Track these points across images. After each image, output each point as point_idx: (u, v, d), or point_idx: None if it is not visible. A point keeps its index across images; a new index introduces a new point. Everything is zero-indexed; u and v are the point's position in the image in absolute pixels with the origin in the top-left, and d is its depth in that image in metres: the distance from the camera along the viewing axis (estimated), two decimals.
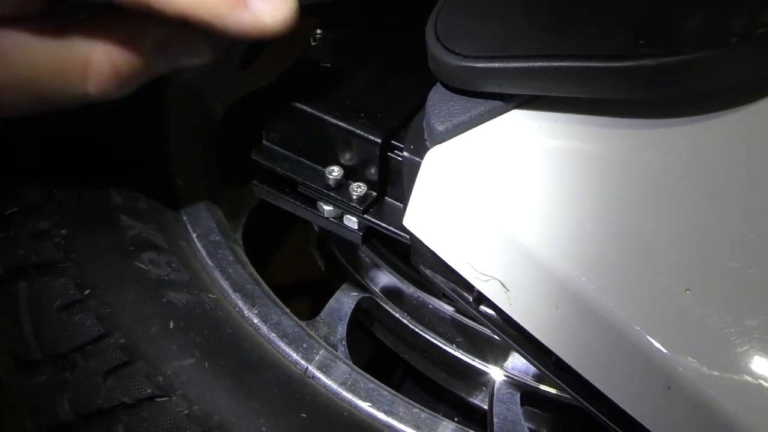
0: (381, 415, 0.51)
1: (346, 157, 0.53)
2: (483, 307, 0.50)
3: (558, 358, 0.47)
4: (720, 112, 0.48)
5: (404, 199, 0.52)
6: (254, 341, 0.53)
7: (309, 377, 0.52)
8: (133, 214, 0.58)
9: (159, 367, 0.50)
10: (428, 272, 0.51)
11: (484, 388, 0.59)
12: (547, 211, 0.46)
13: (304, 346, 0.54)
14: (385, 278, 0.61)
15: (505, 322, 0.49)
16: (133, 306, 0.53)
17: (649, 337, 0.42)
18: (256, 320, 0.55)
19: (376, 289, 0.62)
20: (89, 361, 0.50)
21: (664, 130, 0.48)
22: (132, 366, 0.50)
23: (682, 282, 0.43)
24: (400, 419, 0.51)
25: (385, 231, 0.54)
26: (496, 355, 0.58)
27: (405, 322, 0.60)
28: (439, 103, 0.50)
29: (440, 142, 0.49)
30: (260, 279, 0.59)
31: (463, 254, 0.48)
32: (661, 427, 0.43)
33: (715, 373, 0.41)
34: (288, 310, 0.57)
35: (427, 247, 0.50)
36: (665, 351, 0.42)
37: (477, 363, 0.58)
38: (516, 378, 0.58)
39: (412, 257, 0.52)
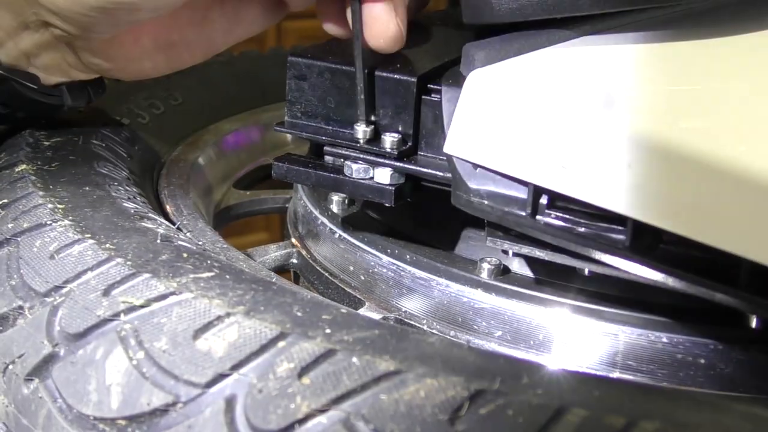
0: None
1: (378, 110, 0.54)
2: (540, 216, 0.48)
3: (634, 235, 0.45)
4: None
5: (440, 138, 0.52)
6: None
7: None
8: None
9: None
10: (475, 201, 0.50)
11: None
12: (599, 86, 0.48)
13: None
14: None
15: (567, 222, 0.48)
16: None
17: None
18: None
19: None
20: None
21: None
22: None
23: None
24: None
25: (422, 176, 0.53)
26: None
27: None
28: (477, 42, 0.53)
29: (481, 67, 0.51)
30: None
31: (515, 156, 0.48)
32: None
33: None
34: None
35: (473, 168, 0.50)
36: None
37: None
38: None
39: (453, 194, 0.51)
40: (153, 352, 0.42)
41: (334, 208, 0.63)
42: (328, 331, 0.42)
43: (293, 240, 0.68)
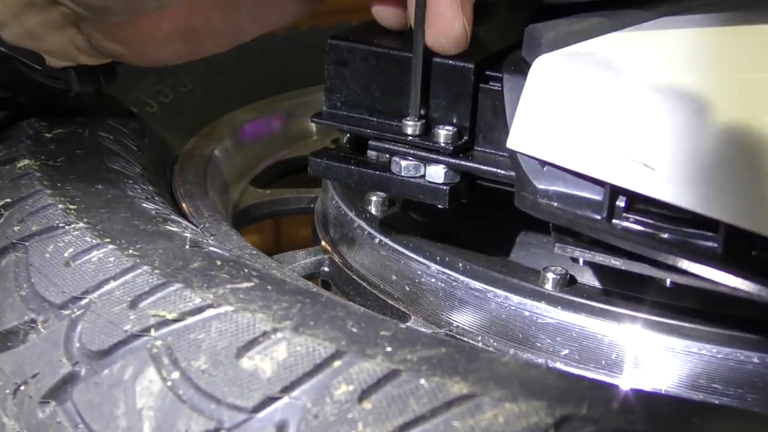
0: None
1: (431, 100, 0.54)
2: (617, 220, 0.48)
3: (726, 241, 0.45)
4: None
5: (501, 132, 0.53)
6: None
7: None
8: None
9: None
10: (542, 203, 0.50)
11: None
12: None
13: None
14: None
15: (648, 226, 0.48)
16: None
17: None
18: None
19: None
20: None
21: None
22: None
23: None
24: None
25: (481, 174, 0.53)
26: None
27: None
28: (542, 24, 0.53)
29: (548, 51, 0.51)
30: None
31: (589, 152, 0.48)
32: None
33: None
34: None
35: (540, 165, 0.50)
36: None
37: None
38: None
39: (517, 195, 0.51)
40: (190, 372, 0.43)
41: (373, 209, 0.63)
42: (388, 349, 0.42)
43: (324, 245, 0.68)
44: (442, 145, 0.54)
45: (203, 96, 0.81)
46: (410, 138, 0.54)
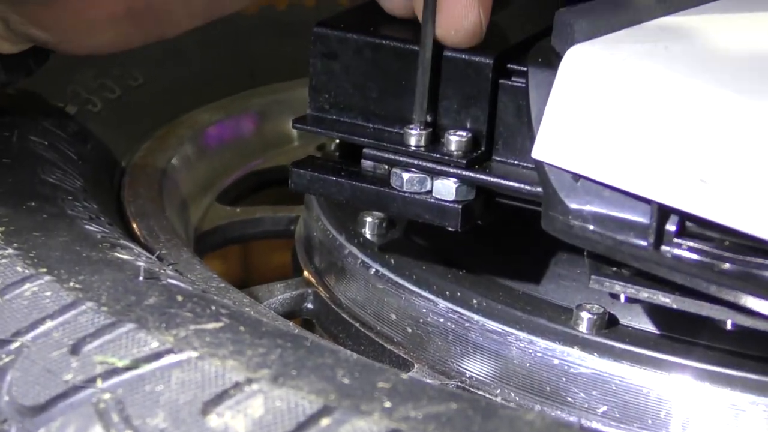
0: None
1: (440, 101, 0.56)
2: (666, 247, 0.50)
3: None
4: None
5: (526, 138, 0.54)
6: None
7: None
8: None
9: None
10: (576, 225, 0.51)
11: None
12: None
13: None
14: None
15: (705, 255, 0.49)
16: None
17: None
18: None
19: None
20: None
21: None
22: None
23: None
24: None
25: (500, 189, 0.54)
26: None
27: None
28: (575, 7, 0.55)
29: (583, 41, 0.53)
30: None
31: (632, 164, 0.49)
32: None
33: None
34: None
35: (573, 180, 0.51)
36: None
37: None
38: None
39: (544, 216, 0.53)
40: (146, 431, 0.43)
41: (368, 232, 0.64)
42: (387, 404, 0.43)
43: (307, 276, 0.69)
44: (454, 154, 0.55)
45: (158, 91, 0.82)
46: (413, 146, 0.55)
